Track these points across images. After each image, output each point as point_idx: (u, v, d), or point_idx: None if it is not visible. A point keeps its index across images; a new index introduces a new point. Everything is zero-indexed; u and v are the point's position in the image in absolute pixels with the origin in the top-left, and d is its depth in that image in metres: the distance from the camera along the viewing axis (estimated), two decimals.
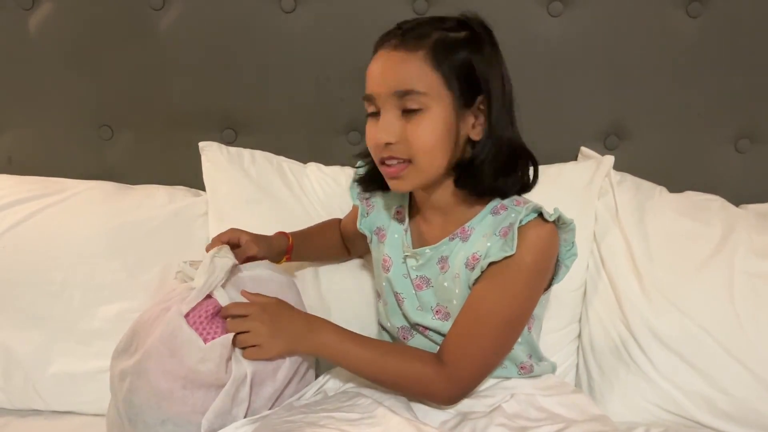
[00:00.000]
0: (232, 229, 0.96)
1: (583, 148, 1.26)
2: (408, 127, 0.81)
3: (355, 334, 0.87)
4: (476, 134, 0.84)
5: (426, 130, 0.81)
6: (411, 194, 0.96)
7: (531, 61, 1.23)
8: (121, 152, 1.33)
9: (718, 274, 1.08)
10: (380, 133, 0.81)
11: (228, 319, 0.84)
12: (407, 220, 0.95)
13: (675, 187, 1.24)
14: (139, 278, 1.13)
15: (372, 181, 0.96)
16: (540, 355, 0.96)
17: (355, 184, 1.01)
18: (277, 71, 1.27)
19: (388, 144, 0.81)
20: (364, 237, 1.03)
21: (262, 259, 0.95)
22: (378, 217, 1.00)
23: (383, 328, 1.01)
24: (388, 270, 0.94)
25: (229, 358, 0.81)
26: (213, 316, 0.83)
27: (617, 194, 1.17)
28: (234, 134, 1.31)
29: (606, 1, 1.20)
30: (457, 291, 0.87)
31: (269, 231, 1.13)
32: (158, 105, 1.30)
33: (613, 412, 1.05)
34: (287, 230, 1.07)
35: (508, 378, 0.92)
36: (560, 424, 0.82)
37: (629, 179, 1.22)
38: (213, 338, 0.81)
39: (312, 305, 1.08)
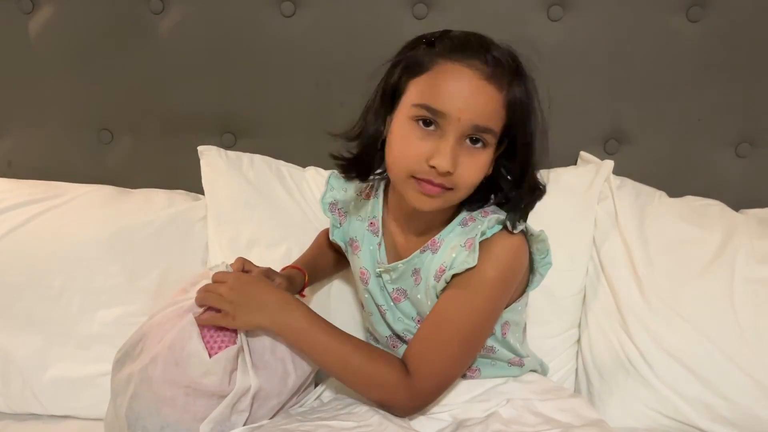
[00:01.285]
0: (269, 269, 0.95)
1: (582, 153, 1.26)
2: (465, 160, 0.78)
3: (328, 323, 0.84)
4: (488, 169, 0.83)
5: (479, 167, 0.79)
6: (385, 205, 0.94)
7: (531, 66, 1.22)
8: (120, 156, 1.33)
9: (718, 280, 1.08)
10: (447, 159, 0.76)
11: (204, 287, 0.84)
12: (381, 232, 0.94)
13: (675, 191, 1.24)
14: (138, 282, 1.13)
15: (358, 167, 0.89)
16: (524, 353, 0.95)
17: (330, 194, 1.00)
18: (277, 75, 1.27)
19: (447, 173, 0.77)
20: None
21: None
22: (351, 228, 0.98)
23: (372, 336, 1.01)
24: (366, 283, 0.94)
25: (234, 369, 0.81)
26: (220, 327, 0.84)
27: (617, 199, 1.17)
28: (233, 138, 1.31)
29: (606, 5, 1.20)
30: (429, 303, 0.86)
31: (267, 234, 1.15)
32: (158, 109, 1.30)
33: (613, 417, 1.05)
34: (286, 234, 1.08)
35: (501, 376, 0.92)
36: (557, 430, 0.82)
37: (629, 184, 1.22)
38: (220, 348, 0.81)
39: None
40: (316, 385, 0.96)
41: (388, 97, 0.82)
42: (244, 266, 0.92)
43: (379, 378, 0.82)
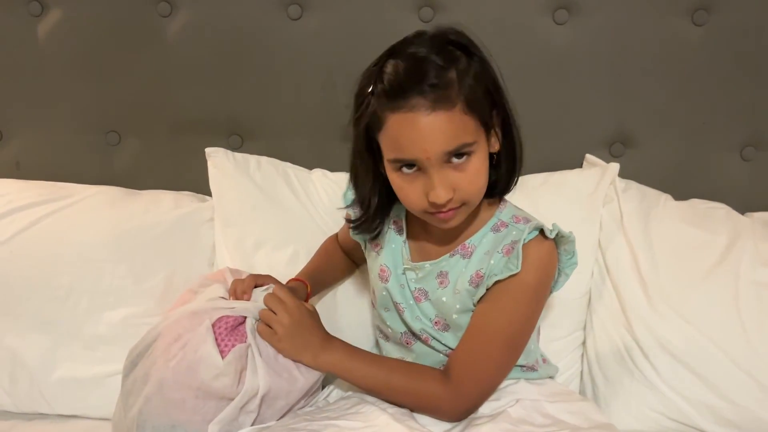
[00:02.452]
0: (268, 277, 0.97)
1: (588, 156, 1.26)
2: (458, 176, 0.80)
3: (366, 353, 0.90)
4: (494, 146, 0.85)
5: (477, 173, 0.81)
6: None
7: (536, 69, 1.23)
8: (128, 158, 1.34)
9: (723, 283, 1.08)
10: (440, 192, 0.78)
11: (266, 296, 0.88)
12: (405, 231, 0.95)
13: (680, 194, 1.23)
14: (145, 284, 1.13)
15: (361, 229, 0.94)
16: (538, 357, 0.97)
17: (351, 191, 1.00)
18: (284, 78, 1.27)
19: (449, 200, 0.80)
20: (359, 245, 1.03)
21: None
22: None
23: (382, 333, 1.01)
24: (386, 280, 0.94)
25: (244, 369, 0.82)
26: (233, 328, 0.85)
27: (622, 202, 1.17)
28: (240, 140, 1.32)
29: (611, 8, 1.20)
30: (457, 306, 0.88)
31: (274, 237, 1.16)
32: (165, 111, 1.30)
33: (618, 420, 1.05)
34: (293, 237, 1.08)
35: (514, 379, 0.92)
36: (565, 431, 0.82)
37: (634, 187, 1.21)
38: (230, 349, 0.82)
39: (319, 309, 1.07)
40: (323, 388, 0.96)
41: (367, 153, 0.86)
42: (256, 281, 0.94)
43: (423, 391, 0.86)
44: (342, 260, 1.11)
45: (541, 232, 0.84)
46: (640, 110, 1.26)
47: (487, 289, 0.85)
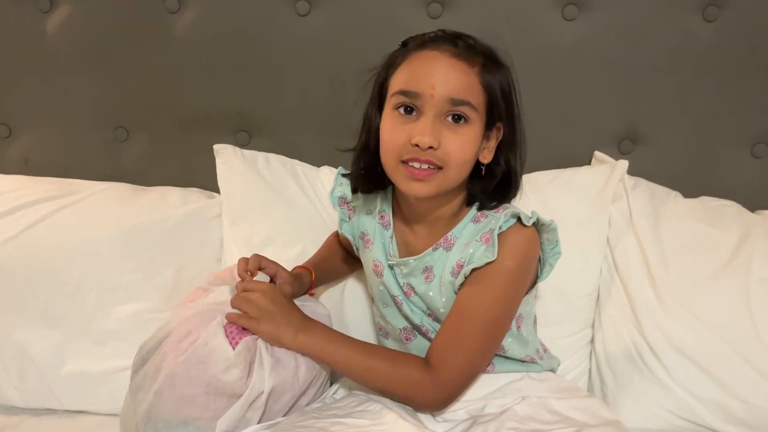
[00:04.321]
0: (273, 262, 0.97)
1: (597, 153, 1.26)
2: (449, 135, 0.81)
3: (346, 337, 0.88)
4: (484, 157, 0.86)
5: (466, 142, 0.82)
6: (394, 199, 0.96)
7: (545, 65, 1.23)
8: (136, 154, 1.34)
9: (734, 281, 1.07)
10: (426, 135, 0.79)
11: (238, 284, 0.88)
12: (392, 226, 0.95)
13: (690, 192, 1.23)
14: (154, 279, 1.14)
15: (370, 181, 0.93)
16: (538, 348, 0.97)
17: (339, 188, 1.02)
18: (292, 74, 1.27)
19: (430, 148, 0.80)
20: None
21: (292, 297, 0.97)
22: (360, 222, 1.00)
23: (382, 330, 1.01)
24: (381, 275, 0.95)
25: (253, 360, 0.82)
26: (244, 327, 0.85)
27: (631, 199, 1.16)
28: (248, 136, 1.32)
29: (621, 4, 1.20)
30: (443, 299, 0.88)
31: (283, 233, 1.16)
32: (173, 107, 1.31)
33: (627, 418, 1.03)
34: (301, 233, 1.08)
35: (518, 375, 0.92)
36: (572, 428, 0.81)
37: (643, 184, 1.21)
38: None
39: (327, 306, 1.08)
40: (331, 384, 0.96)
41: (377, 101, 0.88)
42: (260, 262, 0.94)
43: (402, 376, 0.84)
44: (344, 255, 1.11)
45: (519, 219, 0.84)
46: (650, 107, 1.25)
47: (466, 277, 0.85)
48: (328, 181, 1.23)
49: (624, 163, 1.19)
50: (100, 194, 1.22)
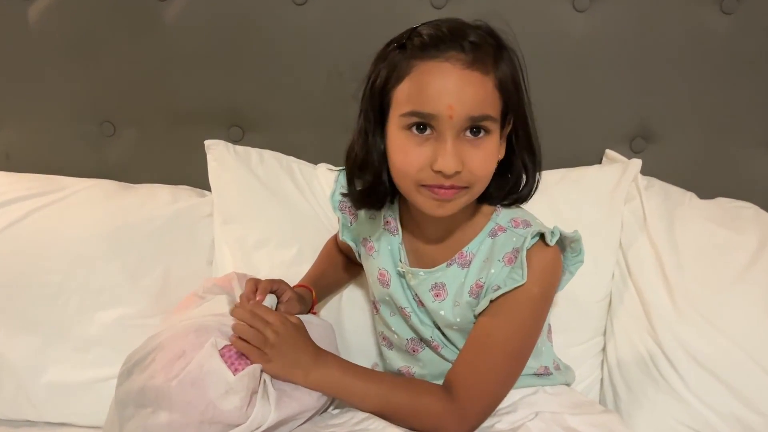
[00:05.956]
0: (281, 281, 0.92)
1: (608, 151, 1.23)
2: (472, 152, 0.75)
3: (363, 369, 0.84)
4: (500, 153, 0.81)
5: (489, 155, 0.76)
6: (401, 205, 0.90)
7: (554, 59, 1.20)
8: (123, 149, 1.32)
9: (754, 287, 1.03)
10: (449, 161, 0.73)
11: (238, 310, 0.82)
12: (400, 232, 0.90)
13: (705, 192, 1.20)
14: (140, 282, 1.11)
15: (374, 200, 0.86)
16: (554, 359, 0.93)
17: (339, 194, 0.94)
18: (287, 66, 1.24)
19: (456, 173, 0.74)
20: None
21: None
22: (363, 228, 0.94)
23: (386, 340, 0.96)
24: (387, 285, 0.90)
25: (255, 391, 0.76)
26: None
27: (645, 200, 1.13)
28: (241, 132, 1.29)
29: None
30: (458, 319, 0.84)
31: (277, 234, 1.13)
32: (162, 100, 1.28)
33: (641, 431, 1.00)
34: (297, 234, 1.06)
35: (531, 389, 0.88)
36: None
37: (657, 184, 1.17)
38: (237, 370, 0.77)
39: (324, 314, 1.05)
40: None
41: (377, 114, 0.79)
42: (257, 286, 0.88)
43: (424, 408, 0.80)
44: (345, 262, 1.07)
45: (542, 237, 0.79)
46: (663, 103, 1.22)
47: (491, 302, 0.80)
48: (325, 179, 1.20)
49: (637, 162, 1.16)
50: (85, 192, 1.20)
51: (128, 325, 1.07)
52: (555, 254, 0.81)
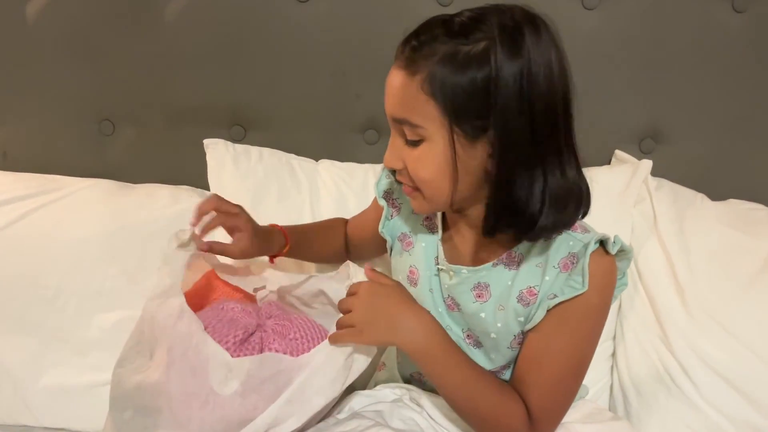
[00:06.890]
0: (237, 213, 0.89)
1: (617, 152, 1.21)
2: (408, 152, 0.73)
3: (464, 355, 0.79)
4: (492, 168, 0.71)
5: (424, 163, 0.72)
6: None
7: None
8: (122, 149, 1.30)
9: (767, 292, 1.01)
10: (387, 155, 0.76)
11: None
12: (440, 230, 0.86)
13: (716, 194, 1.18)
14: (140, 284, 1.09)
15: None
16: None
17: (385, 180, 0.93)
18: (290, 64, 1.23)
19: (398, 170, 0.76)
20: (378, 242, 0.94)
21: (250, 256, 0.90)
22: (403, 223, 0.91)
23: None
24: (415, 284, 0.86)
25: (256, 380, 0.74)
26: (243, 342, 0.79)
27: (655, 202, 1.12)
28: (243, 131, 1.27)
29: None
30: (499, 325, 0.79)
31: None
32: (162, 99, 1.27)
33: None
34: None
35: None
36: None
37: (667, 186, 1.16)
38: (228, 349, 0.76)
39: None
40: None
41: None
42: (219, 205, 0.88)
43: (506, 419, 0.76)
44: (338, 243, 1.04)
45: (602, 244, 0.75)
46: (674, 103, 1.20)
47: (548, 311, 0.75)
48: (328, 174, 1.19)
49: (648, 163, 1.14)
50: (83, 192, 1.19)
51: (128, 328, 0.99)
52: (614, 264, 0.76)
